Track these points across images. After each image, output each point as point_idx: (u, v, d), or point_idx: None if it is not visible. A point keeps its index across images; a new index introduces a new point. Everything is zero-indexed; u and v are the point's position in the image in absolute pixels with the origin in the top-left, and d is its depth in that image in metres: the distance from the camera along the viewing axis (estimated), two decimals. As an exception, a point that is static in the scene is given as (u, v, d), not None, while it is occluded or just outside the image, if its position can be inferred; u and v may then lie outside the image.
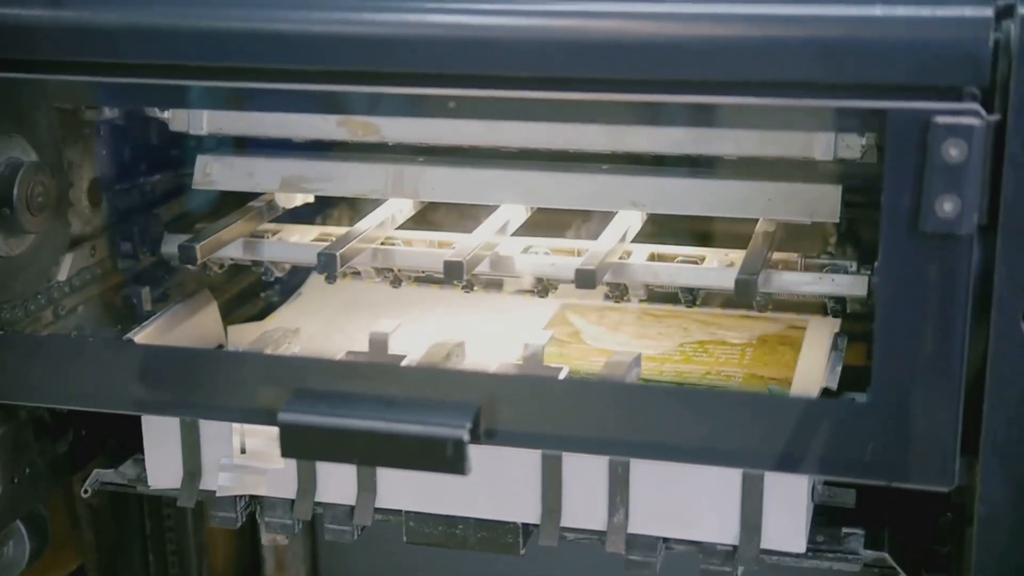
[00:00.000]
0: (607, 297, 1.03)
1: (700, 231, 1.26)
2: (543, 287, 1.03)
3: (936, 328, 0.75)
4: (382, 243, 1.06)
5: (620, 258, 1.01)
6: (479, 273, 1.02)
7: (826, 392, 0.96)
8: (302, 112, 0.99)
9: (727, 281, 0.96)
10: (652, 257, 1.02)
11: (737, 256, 0.99)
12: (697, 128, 0.94)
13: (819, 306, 1.25)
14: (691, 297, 1.01)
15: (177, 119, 1.04)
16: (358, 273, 1.08)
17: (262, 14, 0.82)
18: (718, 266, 1.00)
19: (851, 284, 0.97)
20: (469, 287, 1.03)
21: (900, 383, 0.76)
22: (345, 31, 0.81)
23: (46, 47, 0.85)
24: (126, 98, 0.93)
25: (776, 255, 1.00)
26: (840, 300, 0.99)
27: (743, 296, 0.93)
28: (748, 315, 1.11)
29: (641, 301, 1.08)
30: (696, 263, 1.01)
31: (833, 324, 1.05)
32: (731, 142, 0.96)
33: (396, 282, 1.07)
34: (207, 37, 0.82)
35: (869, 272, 0.96)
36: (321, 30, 0.81)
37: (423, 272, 1.06)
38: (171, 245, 1.09)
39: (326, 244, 1.02)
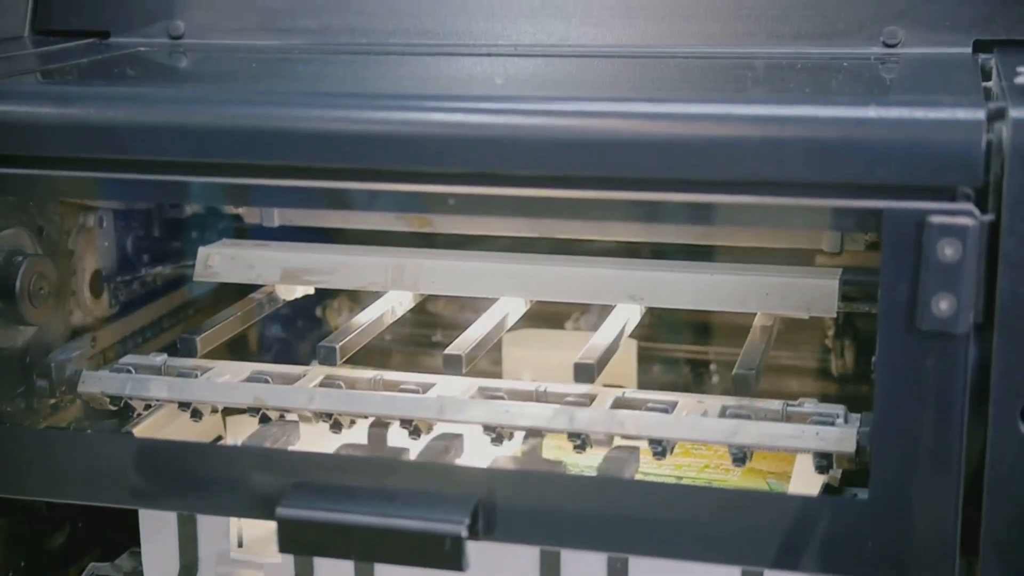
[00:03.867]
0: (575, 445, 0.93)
1: (700, 320, 1.27)
2: (497, 435, 0.94)
3: (934, 426, 0.75)
4: (321, 382, 0.99)
5: (582, 404, 0.94)
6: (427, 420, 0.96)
7: (827, 487, 0.95)
8: (298, 207, 1.00)
9: (701, 432, 0.89)
10: (618, 404, 0.94)
11: (712, 403, 0.92)
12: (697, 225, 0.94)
13: (817, 397, 1.25)
14: (660, 449, 0.90)
15: (251, 212, 1.07)
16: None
17: (264, 112, 0.83)
18: (688, 415, 0.91)
19: (838, 439, 0.86)
20: (416, 433, 0.97)
21: (899, 481, 0.76)
22: (348, 129, 0.82)
23: (51, 143, 0.86)
24: (129, 193, 0.94)
25: (759, 401, 0.92)
26: (826, 456, 0.87)
27: (741, 391, 0.93)
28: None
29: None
30: (666, 411, 0.92)
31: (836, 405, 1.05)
32: (741, 234, 0.97)
33: (336, 427, 0.99)
34: (209, 134, 0.83)
35: (859, 423, 0.87)
36: (323, 128, 0.82)
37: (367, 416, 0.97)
38: (89, 384, 1.01)
39: (262, 384, 0.99)
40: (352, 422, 0.99)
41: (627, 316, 1.05)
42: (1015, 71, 0.77)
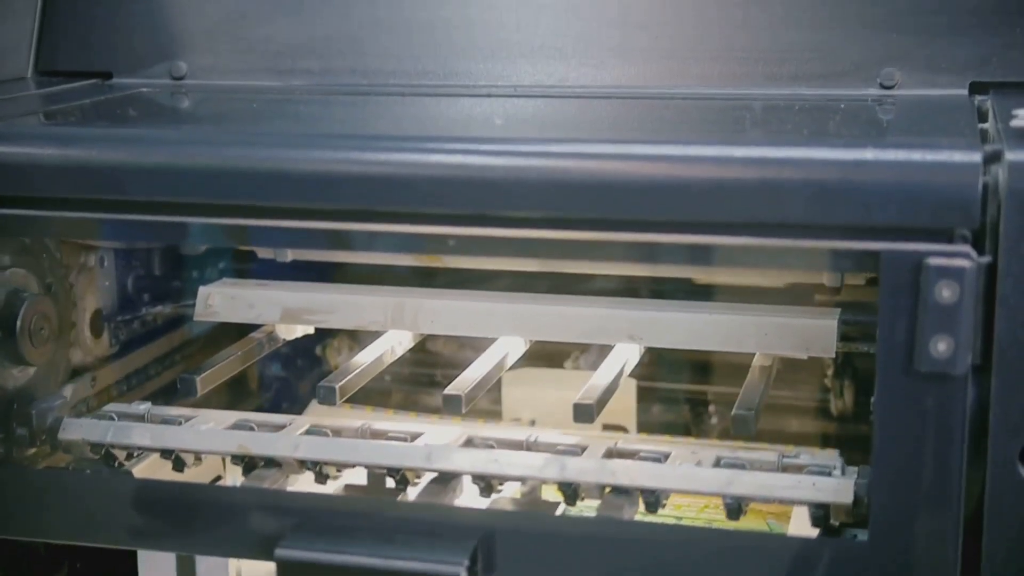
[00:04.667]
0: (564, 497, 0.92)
1: (699, 359, 1.27)
2: (487, 485, 0.93)
3: (933, 467, 0.75)
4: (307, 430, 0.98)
5: (574, 453, 0.92)
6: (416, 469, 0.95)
7: (827, 528, 0.95)
8: (299, 248, 1.00)
9: (695, 483, 0.88)
10: (610, 453, 0.92)
11: (706, 453, 0.90)
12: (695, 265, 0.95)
13: (817, 436, 1.25)
14: (653, 499, 0.89)
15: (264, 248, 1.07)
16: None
17: (265, 153, 0.84)
18: (682, 464, 0.89)
19: (835, 490, 0.84)
20: (403, 484, 0.95)
21: (898, 522, 0.76)
22: (348, 170, 0.82)
23: (53, 184, 0.86)
24: (132, 234, 0.94)
25: (754, 452, 0.90)
26: (823, 507, 0.85)
27: (740, 431, 0.93)
28: (746, 446, 1.11)
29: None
30: (659, 460, 0.90)
31: (832, 454, 1.05)
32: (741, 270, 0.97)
33: (321, 478, 0.97)
34: (210, 175, 0.84)
35: (856, 475, 0.85)
36: (323, 169, 0.83)
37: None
38: (71, 431, 0.99)
39: (246, 431, 0.98)
40: (338, 472, 0.98)
41: (626, 356, 1.05)
42: (1011, 114, 0.78)
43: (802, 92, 1.01)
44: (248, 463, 0.97)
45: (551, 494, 0.98)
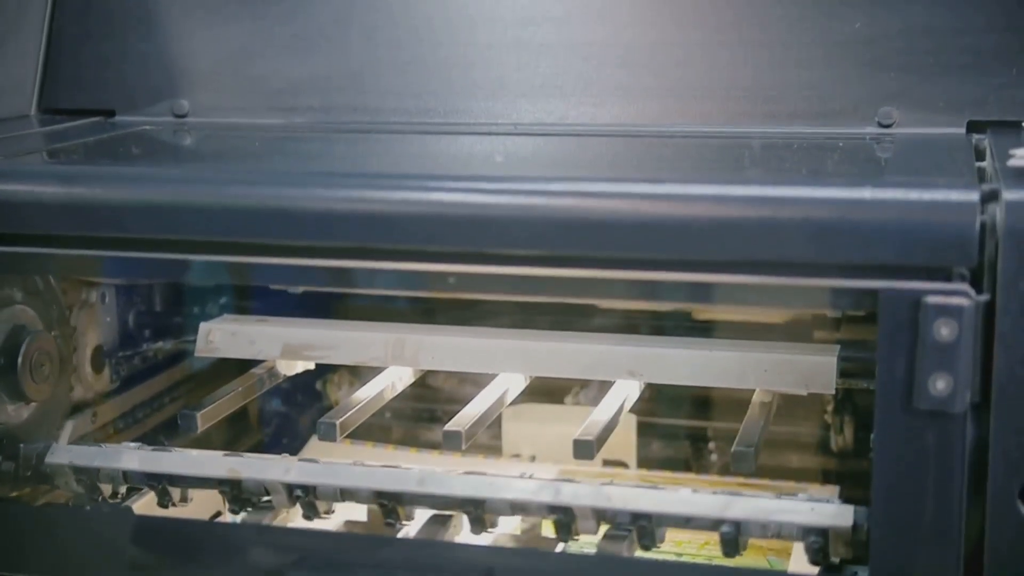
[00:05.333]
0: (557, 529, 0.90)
1: (699, 395, 1.28)
2: (479, 518, 0.91)
3: (933, 505, 0.75)
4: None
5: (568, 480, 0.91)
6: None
7: (828, 566, 0.95)
8: (300, 285, 1.01)
9: (690, 507, 0.87)
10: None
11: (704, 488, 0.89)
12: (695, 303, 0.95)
13: (817, 472, 1.25)
14: (649, 530, 0.87)
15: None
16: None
17: (266, 191, 0.84)
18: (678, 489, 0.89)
19: (833, 514, 0.83)
20: (396, 518, 0.94)
21: (898, 560, 0.76)
22: (350, 208, 0.83)
23: (56, 222, 0.87)
24: (134, 272, 0.94)
25: (750, 486, 0.92)
26: (822, 534, 0.84)
27: (740, 468, 0.93)
28: (746, 482, 1.11)
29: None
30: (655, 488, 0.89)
31: (832, 491, 1.05)
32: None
33: (311, 511, 0.95)
34: (212, 213, 0.84)
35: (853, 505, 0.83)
36: (324, 207, 0.83)
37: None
38: (58, 456, 0.99)
39: (235, 457, 0.97)
40: (330, 511, 0.96)
41: (627, 391, 1.05)
42: (1008, 153, 0.78)
43: (801, 130, 1.02)
44: (236, 498, 0.95)
45: (551, 531, 0.98)
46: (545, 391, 1.26)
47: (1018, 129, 0.96)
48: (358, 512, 0.98)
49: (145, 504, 1.02)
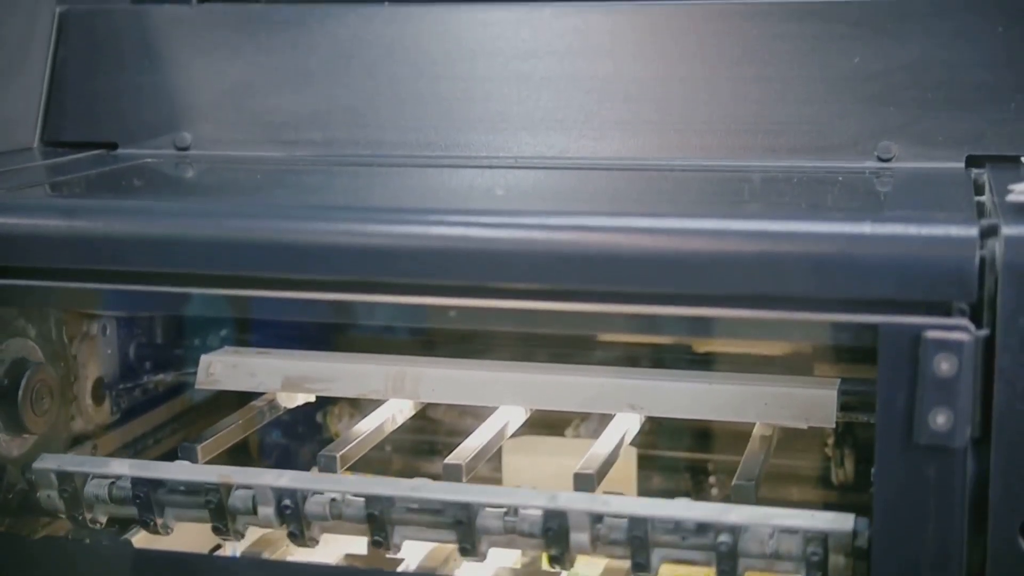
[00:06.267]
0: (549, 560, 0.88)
1: (700, 427, 1.27)
2: (470, 543, 0.89)
3: (934, 539, 0.75)
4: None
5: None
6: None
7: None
8: (301, 318, 1.01)
9: (688, 511, 0.85)
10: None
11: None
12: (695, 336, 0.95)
13: (818, 506, 1.25)
14: (641, 536, 0.86)
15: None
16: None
17: (268, 225, 0.85)
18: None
19: (833, 519, 0.82)
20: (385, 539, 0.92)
21: (899, 596, 0.76)
22: (351, 242, 0.83)
23: (58, 255, 0.87)
24: (135, 305, 0.94)
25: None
26: (822, 545, 0.82)
27: (741, 501, 0.93)
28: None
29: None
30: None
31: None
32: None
33: (302, 540, 0.92)
34: (213, 247, 0.85)
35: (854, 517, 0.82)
36: (325, 241, 0.83)
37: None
38: (47, 461, 0.95)
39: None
40: (314, 537, 0.93)
41: (627, 424, 1.05)
42: (1007, 188, 0.79)
43: (800, 164, 1.02)
44: (220, 514, 0.92)
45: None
46: (545, 423, 1.26)
47: (1017, 164, 0.97)
48: (358, 545, 0.98)
49: (144, 537, 1.02)
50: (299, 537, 0.91)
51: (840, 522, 0.82)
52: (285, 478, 0.93)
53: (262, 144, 1.13)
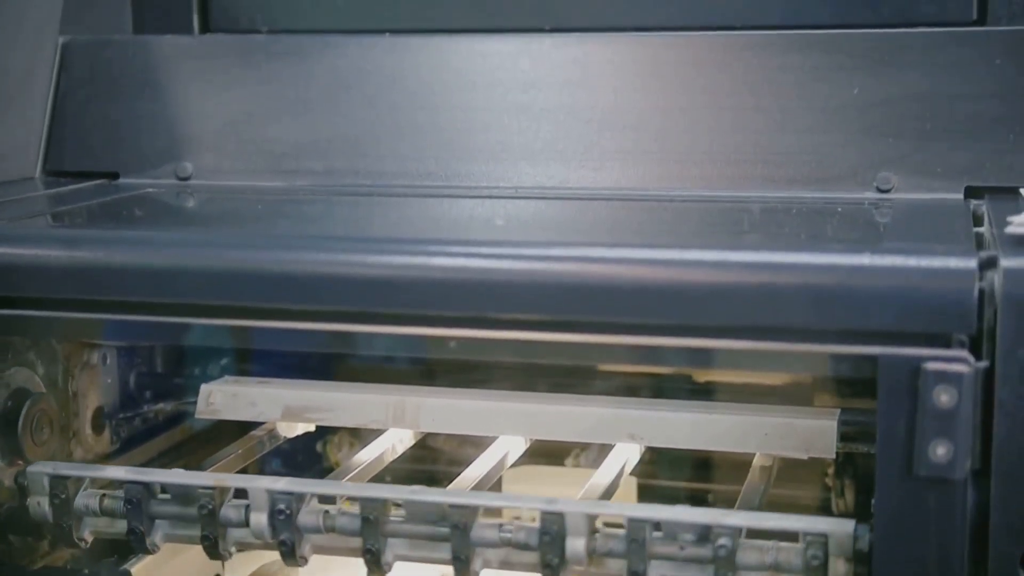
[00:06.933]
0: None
1: (700, 457, 1.27)
2: (463, 561, 0.88)
3: (934, 571, 0.75)
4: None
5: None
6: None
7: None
8: (301, 349, 1.01)
9: (688, 514, 0.84)
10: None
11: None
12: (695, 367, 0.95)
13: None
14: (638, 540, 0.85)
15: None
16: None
17: (268, 256, 0.85)
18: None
19: (834, 521, 0.82)
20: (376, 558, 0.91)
21: (900, 629, 0.76)
22: (351, 273, 0.83)
23: (59, 286, 0.87)
24: (135, 334, 0.94)
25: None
26: (822, 547, 0.82)
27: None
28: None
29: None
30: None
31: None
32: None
33: (293, 560, 0.91)
34: (214, 277, 0.85)
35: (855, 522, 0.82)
36: (326, 272, 0.83)
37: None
38: (40, 466, 0.92)
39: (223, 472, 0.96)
40: (303, 555, 0.92)
41: (627, 454, 1.05)
42: (1006, 220, 0.79)
43: (800, 195, 1.02)
44: (211, 521, 0.91)
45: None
46: (546, 453, 1.25)
47: (1015, 195, 0.97)
48: (358, 569, 0.97)
49: (144, 567, 1.02)
50: (290, 551, 0.90)
51: (840, 525, 0.82)
52: (281, 483, 0.91)
53: (263, 174, 1.14)
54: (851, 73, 1.04)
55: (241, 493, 0.91)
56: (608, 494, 0.99)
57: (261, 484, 0.90)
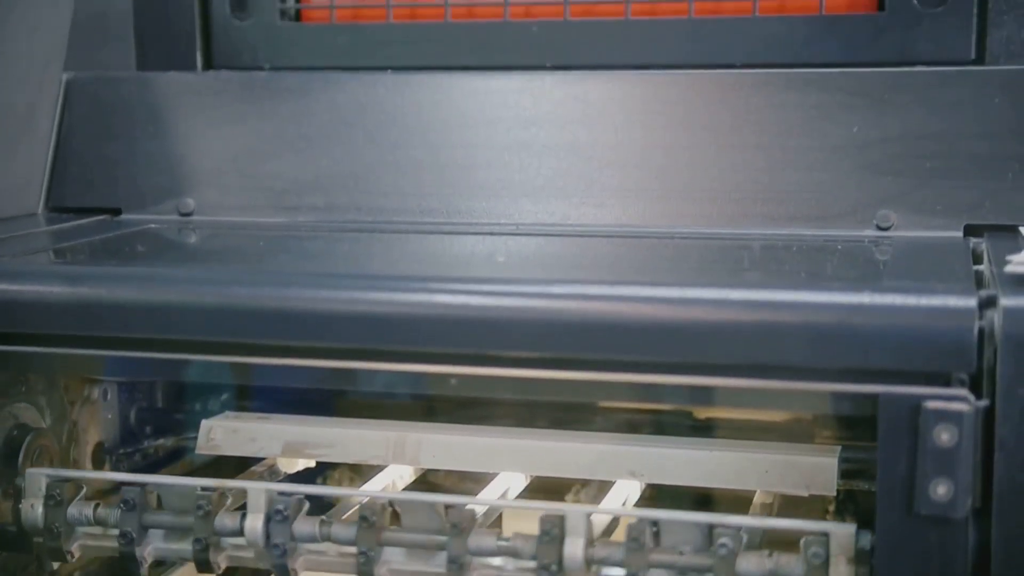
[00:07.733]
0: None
1: (700, 492, 1.27)
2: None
3: (936, 610, 0.75)
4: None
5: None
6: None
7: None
8: (302, 385, 1.01)
9: (692, 515, 0.87)
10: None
11: None
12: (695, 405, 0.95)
13: None
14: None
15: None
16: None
17: (270, 293, 0.85)
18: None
19: (836, 522, 0.85)
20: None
21: (902, 668, 0.76)
22: (352, 310, 0.84)
23: (61, 322, 0.87)
24: (136, 371, 0.95)
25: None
26: (824, 546, 0.83)
27: (742, 570, 0.93)
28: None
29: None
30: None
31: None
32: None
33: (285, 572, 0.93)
34: (216, 314, 0.85)
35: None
36: (326, 309, 0.84)
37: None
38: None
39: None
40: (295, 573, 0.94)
41: (628, 490, 1.05)
42: (1005, 259, 0.79)
43: (800, 232, 1.03)
44: (206, 524, 0.91)
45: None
46: (546, 489, 1.25)
47: (1015, 233, 0.97)
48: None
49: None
50: (281, 561, 0.90)
51: (842, 527, 0.82)
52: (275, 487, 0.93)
53: (264, 210, 1.14)
54: (851, 112, 1.04)
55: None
56: (608, 531, 0.98)
57: (260, 484, 0.92)
